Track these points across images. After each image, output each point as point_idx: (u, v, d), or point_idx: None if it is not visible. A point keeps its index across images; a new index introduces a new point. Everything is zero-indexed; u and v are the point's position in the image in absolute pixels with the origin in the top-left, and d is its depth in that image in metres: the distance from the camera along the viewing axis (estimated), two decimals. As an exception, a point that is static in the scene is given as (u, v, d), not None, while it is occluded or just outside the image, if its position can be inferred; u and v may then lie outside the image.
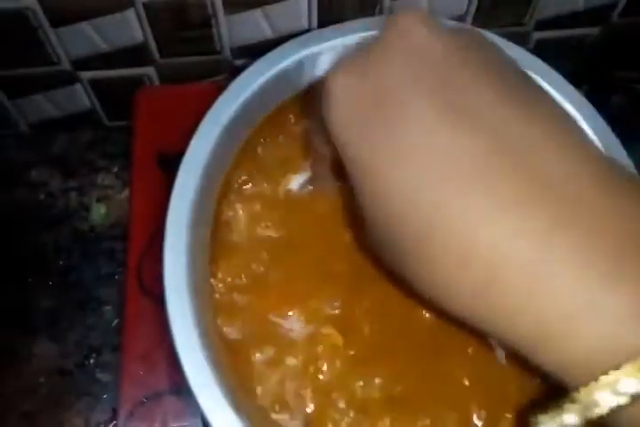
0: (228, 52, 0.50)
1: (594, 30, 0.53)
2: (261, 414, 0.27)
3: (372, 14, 0.48)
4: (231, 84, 0.30)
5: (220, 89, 0.31)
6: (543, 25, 0.52)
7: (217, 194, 0.29)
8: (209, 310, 0.26)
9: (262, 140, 0.32)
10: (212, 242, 0.28)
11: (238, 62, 0.51)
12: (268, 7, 0.45)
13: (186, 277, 0.24)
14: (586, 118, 0.30)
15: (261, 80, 0.31)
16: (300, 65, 0.32)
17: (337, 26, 0.33)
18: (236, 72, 0.32)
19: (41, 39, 0.46)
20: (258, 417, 0.26)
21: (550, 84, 0.31)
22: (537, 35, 0.53)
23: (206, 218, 0.28)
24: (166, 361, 0.39)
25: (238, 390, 0.25)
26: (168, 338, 0.28)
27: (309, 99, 0.31)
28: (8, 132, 0.55)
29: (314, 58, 0.32)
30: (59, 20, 0.44)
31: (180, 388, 0.37)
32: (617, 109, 0.48)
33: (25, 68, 0.49)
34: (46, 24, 0.44)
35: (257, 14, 0.46)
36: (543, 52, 0.48)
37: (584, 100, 0.31)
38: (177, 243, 0.25)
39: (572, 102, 0.31)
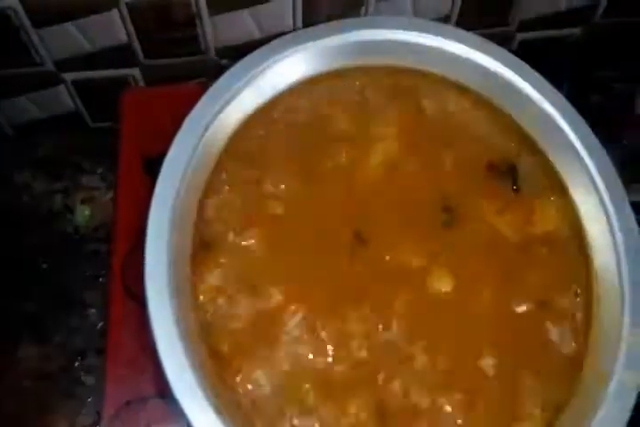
0: (213, 53, 0.49)
1: (575, 31, 0.54)
2: (244, 417, 0.27)
3: (358, 15, 0.48)
4: (213, 84, 0.30)
5: (204, 89, 0.31)
6: (526, 26, 0.52)
7: (198, 194, 0.29)
8: (190, 310, 0.26)
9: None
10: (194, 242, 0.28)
11: (224, 62, 0.51)
12: (253, 8, 0.45)
13: (166, 277, 0.24)
14: (566, 118, 0.31)
15: (240, 82, 0.31)
16: (275, 68, 0.32)
17: (320, 26, 0.33)
18: (221, 72, 0.32)
19: (23, 40, 0.45)
20: (240, 419, 0.26)
21: (531, 84, 0.31)
22: (520, 35, 0.53)
23: (188, 219, 0.28)
24: (152, 365, 0.38)
25: (220, 392, 0.25)
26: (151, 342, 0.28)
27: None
28: (-9, 135, 0.55)
29: (293, 59, 0.32)
30: (41, 20, 0.44)
31: (166, 392, 0.37)
32: (597, 109, 0.48)
33: (7, 69, 0.48)
34: (28, 24, 0.44)
35: (243, 14, 0.46)
36: (526, 52, 0.48)
37: (564, 100, 0.31)
38: (158, 243, 0.25)
39: (552, 102, 0.31)
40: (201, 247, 0.28)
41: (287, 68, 0.31)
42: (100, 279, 0.49)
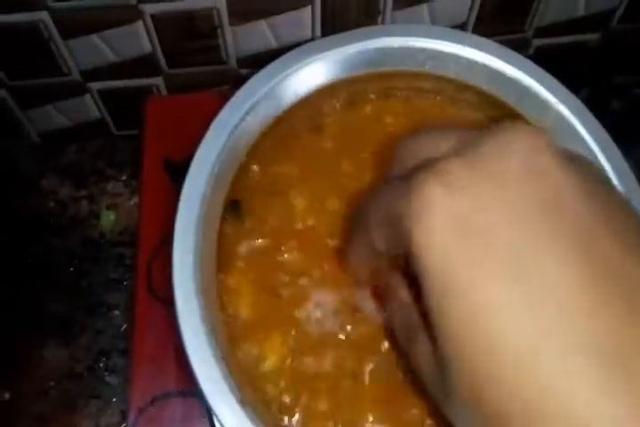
0: (234, 62, 0.51)
1: (593, 36, 0.54)
2: (270, 413, 0.27)
3: (375, 23, 0.49)
4: (237, 91, 0.31)
5: (225, 98, 0.32)
6: (543, 32, 0.52)
7: (223, 196, 0.30)
8: (216, 309, 0.27)
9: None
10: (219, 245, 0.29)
11: (244, 72, 0.52)
12: (272, 18, 0.47)
13: (193, 275, 0.25)
14: (583, 124, 0.31)
15: (266, 88, 0.32)
16: (297, 75, 0.33)
17: (339, 35, 0.34)
18: (240, 81, 0.33)
19: (52, 51, 0.47)
20: (266, 415, 0.27)
21: (548, 89, 0.32)
22: (537, 41, 0.54)
23: (214, 221, 0.29)
24: (174, 363, 0.39)
25: (246, 388, 0.26)
26: (175, 340, 0.28)
27: (345, 227, 0.31)
28: (20, 143, 0.56)
29: (316, 66, 0.33)
30: (69, 32, 0.46)
31: (188, 390, 0.38)
32: (616, 115, 0.49)
33: (36, 79, 0.50)
34: (57, 36, 0.46)
35: (262, 25, 0.47)
36: (543, 58, 0.49)
37: (581, 106, 0.32)
38: (185, 242, 0.26)
39: (569, 107, 0.31)
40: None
41: (307, 76, 0.32)
42: (125, 282, 0.50)
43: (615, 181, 0.30)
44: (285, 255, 0.30)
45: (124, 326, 0.48)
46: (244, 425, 0.24)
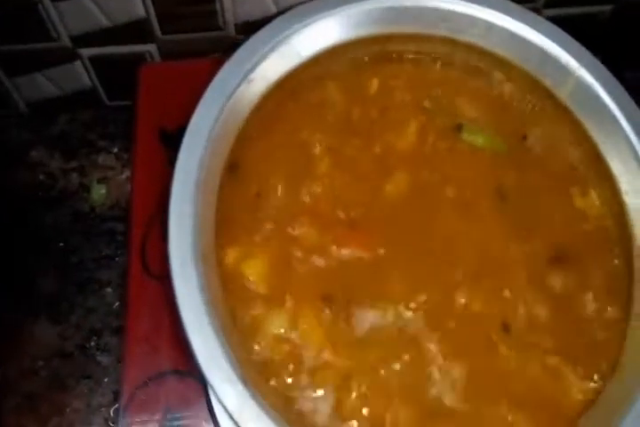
0: (231, 28, 0.48)
1: (606, 8, 0.52)
2: (272, 389, 0.26)
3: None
4: (237, 51, 0.29)
5: (220, 64, 0.30)
6: (554, 2, 0.50)
7: (222, 164, 0.28)
8: (216, 278, 0.25)
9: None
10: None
11: (242, 39, 0.49)
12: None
13: (192, 243, 0.23)
14: (608, 91, 0.29)
15: (264, 50, 0.30)
16: (301, 35, 0.30)
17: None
18: (234, 47, 0.31)
19: (40, 14, 0.44)
20: (266, 390, 0.25)
21: (570, 53, 0.30)
22: (547, 12, 0.51)
23: (213, 185, 0.27)
24: (169, 342, 0.38)
25: (245, 363, 0.24)
26: (170, 319, 0.27)
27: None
28: (7, 113, 0.54)
29: (315, 27, 0.31)
30: (59, -7, 0.43)
31: (184, 369, 0.36)
32: (631, 85, 0.47)
33: (23, 45, 0.47)
34: (46, -2, 0.43)
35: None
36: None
37: (606, 72, 0.30)
38: (182, 208, 0.24)
39: (592, 73, 0.30)
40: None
41: (312, 36, 0.30)
42: (116, 259, 0.48)
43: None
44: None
45: (117, 303, 0.46)
46: (247, 403, 0.22)
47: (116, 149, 0.53)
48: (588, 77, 0.29)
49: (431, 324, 0.28)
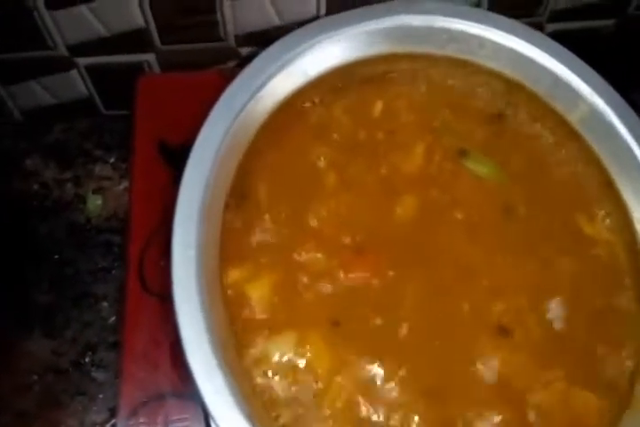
0: (232, 39, 0.48)
1: (609, 22, 0.52)
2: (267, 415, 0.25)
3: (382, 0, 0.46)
4: (244, 69, 0.29)
5: (223, 77, 0.30)
6: (557, 16, 0.50)
7: (229, 182, 0.27)
8: (220, 304, 0.24)
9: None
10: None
11: (243, 51, 0.49)
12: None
13: (195, 272, 0.23)
14: (620, 118, 0.29)
15: (274, 67, 0.29)
16: (311, 53, 0.30)
17: (347, 13, 0.31)
18: (245, 60, 0.30)
19: (36, 22, 0.44)
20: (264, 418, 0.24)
21: (570, 68, 0.30)
22: (551, 26, 0.51)
23: (218, 210, 0.26)
24: (168, 361, 0.37)
25: (250, 398, 0.23)
26: (170, 337, 0.26)
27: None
28: (2, 121, 0.53)
29: (325, 46, 0.30)
30: (55, 1, 0.42)
31: (183, 389, 0.36)
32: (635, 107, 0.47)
33: (19, 53, 0.46)
34: (42, 6, 0.42)
35: (264, 0, 0.44)
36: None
37: (619, 98, 0.29)
38: (186, 236, 0.24)
39: (604, 99, 0.29)
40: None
41: (323, 53, 0.30)
42: (113, 271, 0.47)
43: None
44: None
45: (113, 318, 0.45)
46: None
47: (112, 159, 0.52)
48: (601, 104, 0.29)
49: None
